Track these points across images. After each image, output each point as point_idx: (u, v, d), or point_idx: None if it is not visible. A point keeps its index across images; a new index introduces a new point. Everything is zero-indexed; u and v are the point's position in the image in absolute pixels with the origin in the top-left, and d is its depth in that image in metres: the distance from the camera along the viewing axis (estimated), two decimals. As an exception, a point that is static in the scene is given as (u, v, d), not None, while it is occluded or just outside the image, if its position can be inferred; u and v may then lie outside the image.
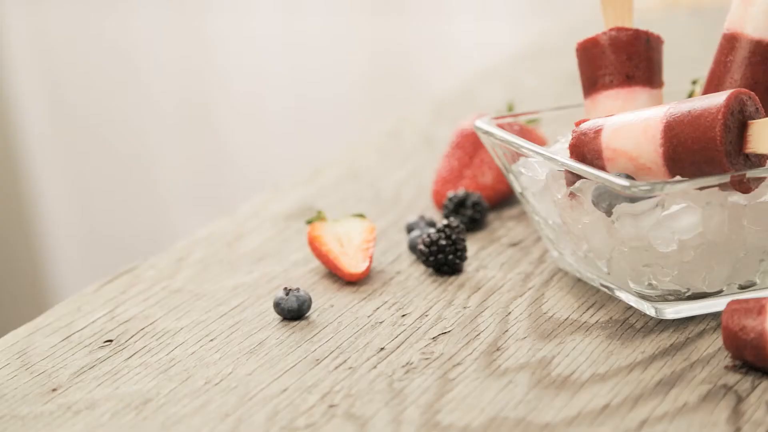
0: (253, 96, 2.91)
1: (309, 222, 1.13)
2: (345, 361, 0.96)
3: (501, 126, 1.10)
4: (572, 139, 1.00)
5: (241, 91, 2.91)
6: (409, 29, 2.77)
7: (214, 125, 2.93)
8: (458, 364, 0.94)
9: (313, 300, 1.06)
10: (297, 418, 0.88)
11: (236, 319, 1.04)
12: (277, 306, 1.03)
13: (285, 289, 1.03)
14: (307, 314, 1.04)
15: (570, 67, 1.09)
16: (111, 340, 1.01)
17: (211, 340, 1.00)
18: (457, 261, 1.10)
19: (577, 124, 1.00)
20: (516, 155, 1.05)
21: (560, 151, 1.03)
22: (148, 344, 1.00)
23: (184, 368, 0.96)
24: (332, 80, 2.85)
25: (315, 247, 1.12)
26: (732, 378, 0.89)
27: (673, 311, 0.98)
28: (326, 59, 2.85)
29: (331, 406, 0.89)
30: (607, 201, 0.95)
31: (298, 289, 1.03)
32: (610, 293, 1.03)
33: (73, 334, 1.02)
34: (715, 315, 0.98)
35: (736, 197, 0.94)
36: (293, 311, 1.03)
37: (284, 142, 2.89)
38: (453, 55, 2.74)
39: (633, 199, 0.94)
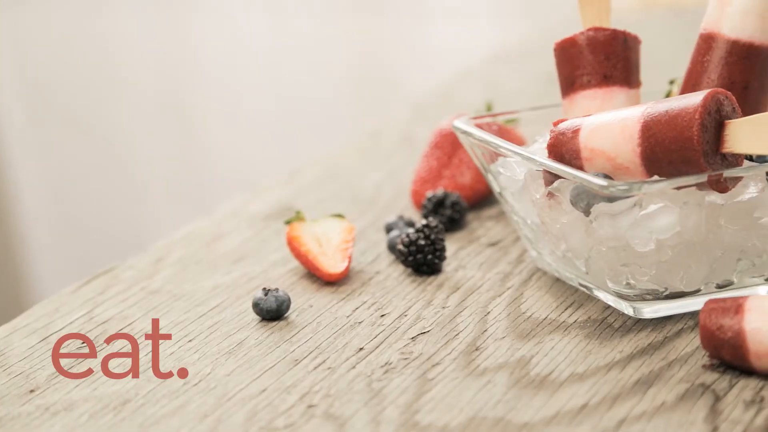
0: (233, 96, 2.90)
1: (288, 222, 1.13)
2: (324, 361, 0.95)
3: (479, 126, 1.10)
4: (550, 138, 1.00)
5: (221, 91, 2.91)
6: (388, 30, 2.77)
7: (195, 125, 2.93)
8: (437, 363, 0.94)
9: (292, 300, 1.06)
10: (276, 419, 0.88)
11: (215, 320, 1.04)
12: (256, 306, 1.03)
13: (264, 289, 1.03)
14: (286, 314, 1.03)
15: (549, 67, 1.09)
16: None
17: (190, 341, 1.00)
18: (436, 261, 1.10)
19: (555, 123, 1.00)
20: (494, 155, 1.06)
21: (538, 151, 1.03)
22: (126, 345, 1.00)
23: (162, 369, 0.95)
24: (312, 81, 2.85)
25: (294, 248, 1.11)
26: (710, 377, 0.90)
27: (651, 310, 0.98)
28: (306, 60, 2.85)
29: (310, 406, 0.89)
30: (585, 201, 0.95)
31: (277, 290, 1.03)
32: (588, 293, 1.03)
33: (51, 335, 1.02)
34: (693, 314, 0.99)
35: (714, 197, 0.94)
36: (272, 311, 1.02)
37: (264, 143, 2.89)
38: (432, 55, 2.75)
39: (611, 199, 0.94)
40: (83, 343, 1.00)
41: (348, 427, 0.86)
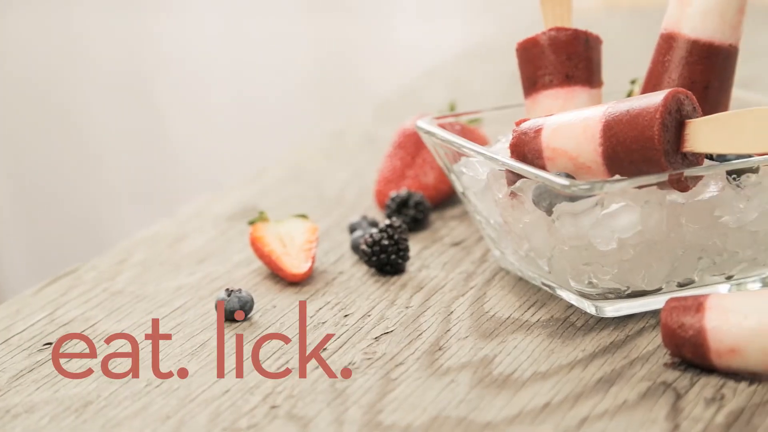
0: (197, 96, 2.89)
1: (251, 223, 1.12)
2: (287, 361, 0.95)
3: (442, 126, 1.10)
4: (513, 138, 1.00)
5: (185, 90, 2.90)
6: (353, 30, 2.77)
7: (159, 125, 2.92)
8: (400, 363, 0.94)
9: (255, 301, 1.06)
10: (239, 420, 0.88)
11: (178, 321, 1.03)
12: (219, 307, 1.03)
13: (227, 290, 1.03)
14: (249, 315, 1.03)
15: (512, 67, 1.10)
16: (50, 343, 1.00)
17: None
18: (400, 261, 1.10)
19: (518, 123, 1.01)
20: (457, 155, 1.06)
21: (501, 151, 1.03)
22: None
23: (124, 370, 0.95)
24: (276, 80, 2.85)
25: (257, 248, 1.11)
26: (671, 375, 0.90)
27: (613, 309, 0.99)
28: (270, 59, 2.85)
29: (273, 407, 0.89)
30: (547, 200, 0.96)
31: (240, 290, 1.03)
32: (551, 292, 1.04)
33: (11, 337, 1.01)
34: (655, 313, 0.99)
35: (675, 196, 0.95)
36: (235, 312, 1.02)
37: (228, 143, 2.88)
38: (396, 55, 2.75)
39: (573, 198, 0.94)
40: (47, 345, 0.99)
41: (311, 427, 0.86)
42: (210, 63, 2.87)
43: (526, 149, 0.99)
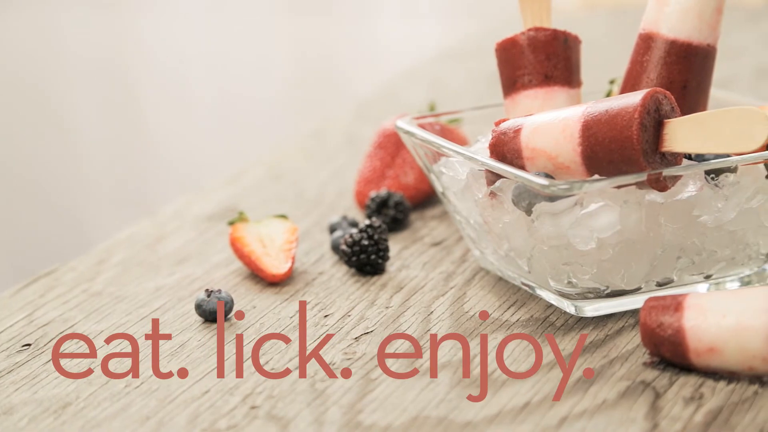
0: (177, 96, 2.89)
1: (231, 223, 1.12)
2: (267, 362, 0.95)
3: (422, 126, 1.10)
4: (492, 138, 1.00)
5: (165, 91, 2.89)
6: (334, 29, 2.77)
7: (138, 126, 2.91)
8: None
9: (235, 301, 1.05)
10: (218, 420, 0.87)
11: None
12: (199, 308, 1.02)
13: (207, 290, 1.03)
14: (228, 316, 1.03)
15: (492, 67, 1.10)
16: (29, 344, 1.00)
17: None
18: (380, 261, 1.10)
19: (497, 123, 1.01)
20: (437, 155, 1.06)
21: (481, 151, 1.03)
22: (67, 348, 0.99)
23: (102, 371, 0.95)
24: (256, 81, 2.85)
25: (237, 248, 1.11)
26: (650, 374, 0.91)
27: (593, 309, 0.99)
28: (250, 60, 2.84)
29: (253, 407, 0.89)
30: (526, 200, 0.96)
31: (219, 291, 1.03)
32: (531, 292, 1.04)
33: (-10, 338, 1.01)
34: (634, 312, 1.00)
35: (653, 195, 0.95)
36: (215, 313, 1.02)
37: (208, 143, 2.88)
38: (377, 55, 2.75)
39: (552, 198, 0.94)
40: (25, 346, 0.99)
41: (291, 427, 0.86)
42: (191, 63, 2.87)
43: (505, 149, 0.99)
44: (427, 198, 1.26)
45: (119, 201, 2.90)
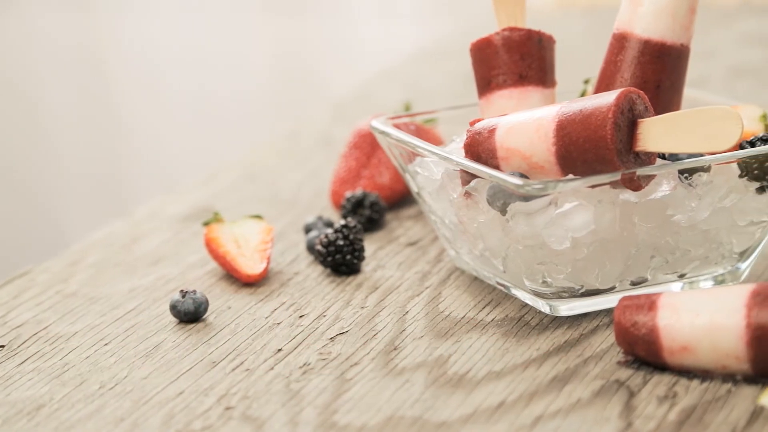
0: (152, 96, 2.88)
1: (206, 224, 1.12)
2: (242, 363, 0.95)
3: (397, 126, 1.10)
4: (467, 138, 1.00)
5: (140, 91, 2.88)
6: (310, 30, 2.77)
7: (113, 126, 2.90)
8: (355, 364, 0.94)
9: (210, 302, 1.05)
10: (193, 421, 0.87)
11: (132, 323, 1.03)
12: (174, 308, 1.02)
13: (181, 291, 1.02)
14: (203, 316, 1.03)
15: (468, 67, 1.10)
16: (3, 346, 0.99)
17: (106, 344, 0.99)
18: (355, 261, 1.10)
19: (472, 123, 1.01)
20: (412, 155, 1.06)
21: (455, 151, 1.03)
22: (41, 349, 0.99)
23: (78, 373, 0.94)
24: (232, 81, 2.84)
25: (212, 249, 1.11)
26: (624, 373, 0.91)
27: (567, 308, 0.99)
28: (227, 60, 2.84)
29: (228, 408, 0.89)
30: (501, 200, 0.96)
31: (194, 292, 1.02)
32: (506, 291, 1.04)
33: (-37, 340, 1.01)
34: (608, 311, 1.00)
35: (627, 195, 0.95)
36: (190, 314, 1.02)
37: (183, 143, 2.87)
38: (353, 56, 2.75)
39: (527, 198, 0.95)
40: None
41: (266, 428, 0.86)
42: (168, 63, 2.86)
43: (480, 149, 0.99)
44: (402, 198, 1.26)
45: (94, 202, 2.89)
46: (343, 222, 1.11)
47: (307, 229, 1.18)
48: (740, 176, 0.98)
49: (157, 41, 2.85)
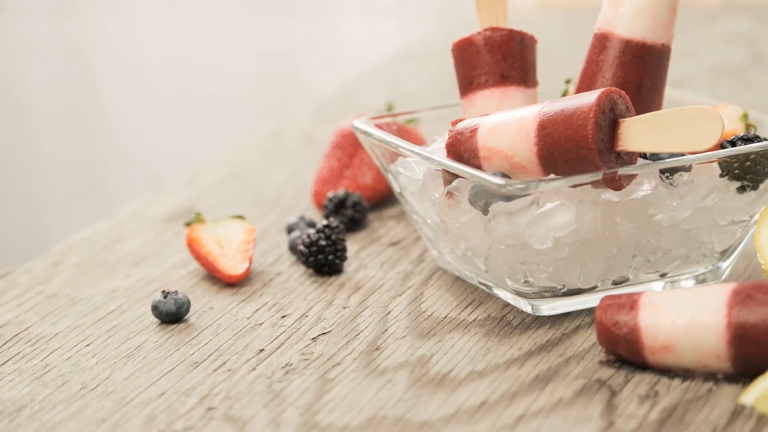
0: (134, 96, 2.87)
1: (188, 224, 1.12)
2: (224, 363, 0.95)
3: (379, 126, 1.10)
4: (449, 138, 1.00)
5: (122, 91, 2.88)
6: (293, 30, 2.77)
7: (95, 126, 2.89)
8: (338, 364, 0.94)
9: (192, 302, 1.05)
10: (175, 422, 0.87)
11: (113, 323, 1.02)
12: (155, 309, 1.02)
13: (163, 292, 1.02)
14: (185, 317, 1.03)
15: (450, 67, 1.10)
16: (-16, 347, 0.99)
17: (88, 345, 0.99)
18: (337, 261, 1.10)
19: (454, 123, 1.01)
20: (394, 155, 1.06)
21: (437, 151, 1.03)
22: (22, 350, 0.98)
23: (59, 374, 0.94)
24: (215, 81, 2.84)
25: (194, 249, 1.11)
26: (606, 372, 0.91)
27: (549, 308, 0.99)
28: (211, 59, 2.83)
29: (210, 408, 0.88)
30: (483, 200, 0.96)
31: (176, 292, 1.02)
32: (488, 291, 1.04)
33: (-56, 341, 1.00)
34: (590, 311, 1.00)
35: (609, 194, 0.95)
36: (171, 314, 1.02)
37: (167, 143, 2.86)
38: (336, 56, 2.75)
39: (508, 198, 0.95)
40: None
41: (248, 428, 0.86)
42: (151, 62, 2.86)
43: (462, 149, 0.99)
44: (384, 198, 1.26)
45: (76, 202, 2.89)
46: (325, 222, 1.10)
47: (290, 230, 1.18)
48: (721, 176, 0.98)
49: (142, 42, 2.85)
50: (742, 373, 0.88)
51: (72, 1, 2.85)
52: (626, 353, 0.91)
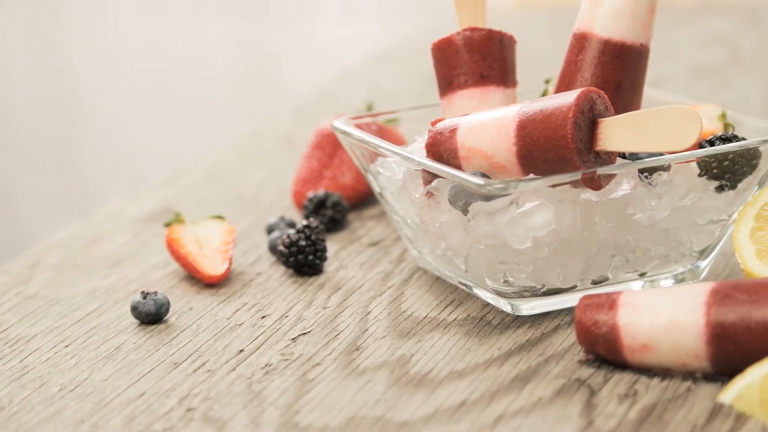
0: (112, 96, 2.86)
1: (167, 224, 1.12)
2: (204, 364, 0.95)
3: (359, 126, 1.10)
4: (428, 138, 1.00)
5: (100, 92, 2.87)
6: (272, 30, 2.76)
7: (73, 126, 2.88)
8: (318, 364, 0.94)
9: (171, 303, 1.05)
10: (154, 423, 0.87)
11: (92, 324, 1.02)
12: (135, 310, 1.02)
13: (142, 292, 1.02)
14: (165, 318, 1.02)
15: (430, 67, 1.10)
16: (-38, 348, 0.98)
17: (66, 346, 0.98)
18: (317, 261, 1.10)
19: (433, 123, 1.01)
20: (374, 155, 1.06)
21: (417, 151, 1.04)
22: (0, 352, 0.98)
23: (38, 375, 0.94)
24: (194, 81, 2.83)
25: (173, 250, 1.10)
26: (585, 372, 0.91)
27: (529, 307, 1.00)
28: (189, 59, 2.83)
29: (189, 409, 0.88)
30: (463, 199, 0.96)
31: (156, 293, 1.02)
32: (468, 291, 1.04)
33: None
34: (570, 310, 1.00)
35: (588, 194, 0.95)
36: (151, 315, 1.01)
37: (145, 144, 2.86)
38: (315, 56, 2.74)
39: (488, 198, 0.95)
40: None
41: (227, 429, 0.86)
42: (129, 63, 2.85)
43: (441, 149, 0.99)
44: (364, 198, 1.26)
45: (54, 202, 2.87)
46: (305, 222, 1.10)
47: (270, 230, 1.18)
48: (700, 175, 0.98)
49: (122, 42, 2.84)
50: (721, 372, 0.88)
51: (49, 0, 2.84)
52: (605, 353, 0.91)
